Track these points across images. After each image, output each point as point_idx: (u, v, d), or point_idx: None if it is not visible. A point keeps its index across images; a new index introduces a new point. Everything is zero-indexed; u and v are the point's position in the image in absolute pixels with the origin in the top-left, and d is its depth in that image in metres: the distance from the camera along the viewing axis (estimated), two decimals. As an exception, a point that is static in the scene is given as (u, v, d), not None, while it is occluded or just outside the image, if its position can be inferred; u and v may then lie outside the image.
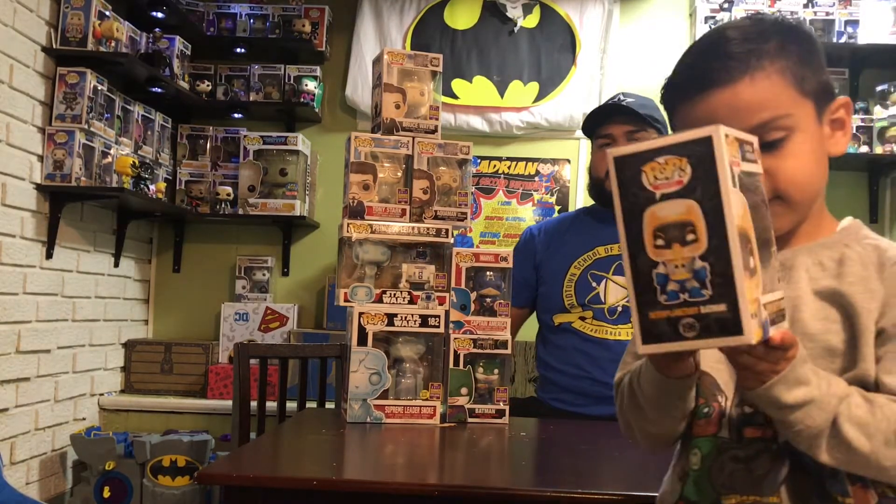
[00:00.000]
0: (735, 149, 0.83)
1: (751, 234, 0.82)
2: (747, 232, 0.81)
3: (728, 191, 0.79)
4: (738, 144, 0.84)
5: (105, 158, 3.06)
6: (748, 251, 0.81)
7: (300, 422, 2.12)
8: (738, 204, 0.80)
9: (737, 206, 0.80)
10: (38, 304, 2.90)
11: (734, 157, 0.82)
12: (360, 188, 2.14)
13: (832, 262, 1.05)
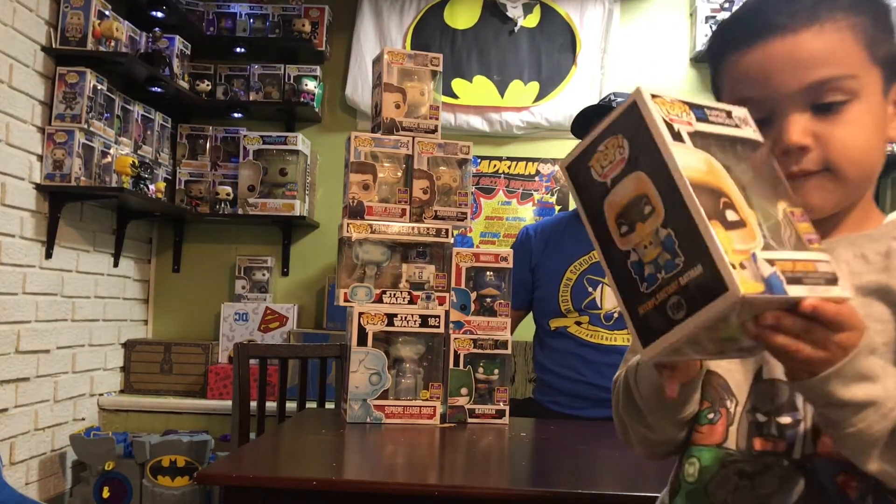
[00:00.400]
0: (679, 109, 0.77)
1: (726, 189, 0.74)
2: (715, 185, 0.73)
3: (667, 144, 0.73)
4: (685, 107, 0.78)
5: (105, 158, 3.05)
6: (720, 204, 0.72)
7: (300, 422, 2.12)
8: (687, 157, 0.73)
9: (686, 159, 0.73)
10: (38, 304, 2.90)
11: (676, 116, 0.76)
12: (360, 188, 2.13)
13: (878, 256, 0.91)
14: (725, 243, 0.70)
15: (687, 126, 0.76)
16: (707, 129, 0.78)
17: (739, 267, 0.69)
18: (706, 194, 0.72)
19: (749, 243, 0.71)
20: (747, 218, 0.73)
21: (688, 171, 0.73)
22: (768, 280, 0.70)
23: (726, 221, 0.71)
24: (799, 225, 0.77)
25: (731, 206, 0.73)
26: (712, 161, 0.75)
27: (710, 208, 0.71)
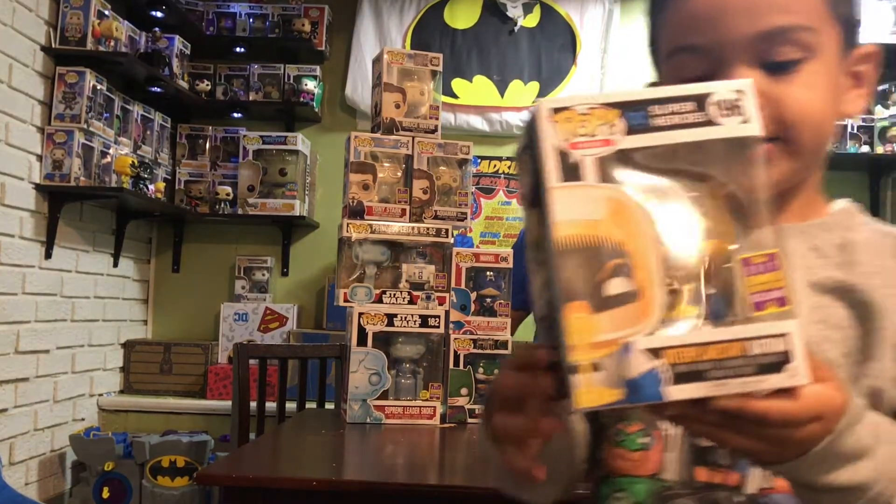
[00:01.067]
0: (599, 121, 0.60)
1: (629, 243, 0.58)
2: (611, 240, 0.57)
3: (549, 189, 0.58)
4: (613, 114, 0.60)
5: (104, 158, 3.05)
6: (604, 270, 0.57)
7: (300, 422, 2.12)
8: (573, 204, 0.58)
9: (569, 207, 0.58)
10: (37, 304, 2.89)
11: (585, 136, 0.59)
12: (360, 188, 2.13)
13: (833, 248, 0.80)
14: (579, 335, 0.56)
15: (600, 148, 0.59)
16: (644, 140, 0.59)
17: (590, 368, 0.55)
18: (586, 258, 0.57)
19: (629, 326, 0.56)
20: (648, 285, 0.57)
21: (566, 227, 0.57)
22: (636, 381, 0.55)
23: (600, 298, 0.56)
24: (753, 279, 0.58)
25: (623, 271, 0.57)
26: (622, 199, 0.58)
27: (580, 281, 0.56)
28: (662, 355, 0.56)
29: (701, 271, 0.58)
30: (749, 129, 0.60)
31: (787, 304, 0.57)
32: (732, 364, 0.56)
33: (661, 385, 0.56)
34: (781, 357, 0.56)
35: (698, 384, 0.56)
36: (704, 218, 0.59)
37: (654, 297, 0.57)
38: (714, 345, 0.56)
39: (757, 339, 0.56)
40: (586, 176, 0.59)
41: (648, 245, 0.58)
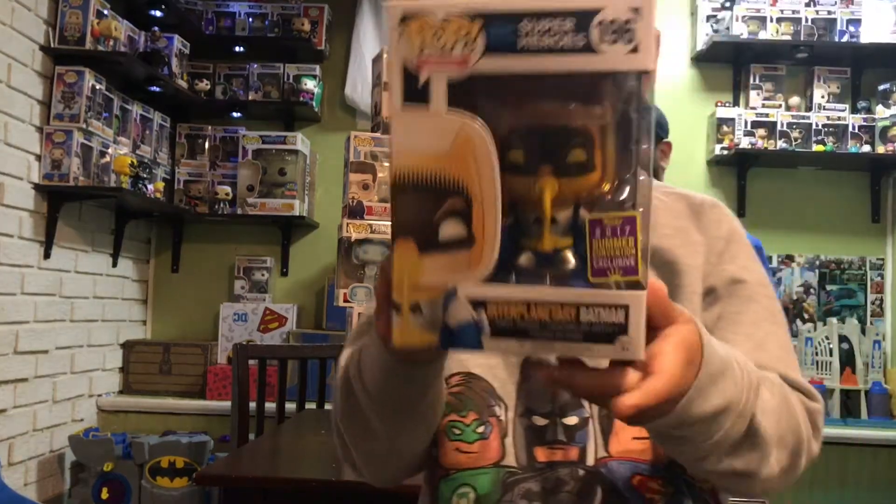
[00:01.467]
0: (455, 33, 0.50)
1: (470, 182, 0.52)
2: (451, 176, 0.52)
3: (393, 112, 0.52)
4: (473, 25, 0.50)
5: (103, 158, 3.04)
6: (438, 209, 0.52)
7: (299, 423, 2.11)
8: (416, 132, 0.52)
9: (411, 137, 0.52)
10: (36, 304, 2.89)
11: (436, 51, 0.51)
12: (360, 188, 2.13)
13: None
14: (403, 274, 0.53)
15: (453, 68, 0.51)
16: (503, 65, 0.50)
17: (409, 310, 0.53)
18: (422, 194, 0.52)
19: (456, 273, 0.52)
20: (485, 232, 0.52)
21: (405, 157, 0.52)
22: (455, 329, 0.53)
23: (431, 239, 0.52)
24: (601, 242, 0.53)
25: (460, 214, 0.52)
26: (470, 133, 0.51)
27: (412, 218, 0.53)
28: (486, 307, 0.53)
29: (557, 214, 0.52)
30: (636, 61, 0.50)
31: (634, 273, 0.52)
32: (559, 328, 0.52)
33: (480, 335, 0.53)
34: (615, 328, 0.52)
35: (520, 341, 0.53)
36: (566, 155, 0.52)
37: (488, 247, 0.52)
38: (543, 304, 0.52)
39: (592, 307, 0.52)
40: (434, 101, 0.51)
41: (493, 189, 0.51)
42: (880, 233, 3.55)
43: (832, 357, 3.28)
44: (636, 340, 0.52)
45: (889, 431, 3.14)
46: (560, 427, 0.76)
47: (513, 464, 0.76)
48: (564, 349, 0.53)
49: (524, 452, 0.76)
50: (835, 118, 3.46)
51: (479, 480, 0.77)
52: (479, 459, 0.77)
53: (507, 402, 0.77)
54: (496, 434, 0.77)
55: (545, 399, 0.77)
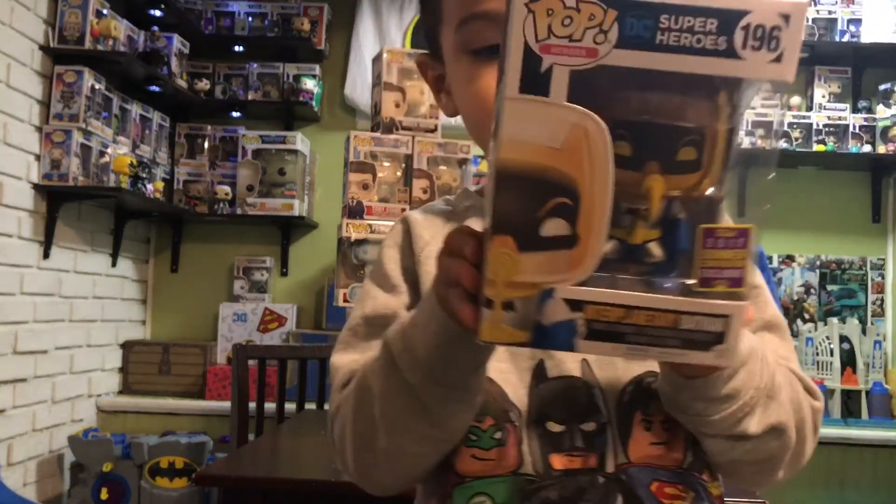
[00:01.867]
0: (586, 19, 0.47)
1: (581, 181, 0.49)
2: (562, 172, 0.49)
3: (504, 97, 0.48)
4: (608, 13, 0.48)
5: (102, 158, 3.04)
6: (545, 206, 0.50)
7: (299, 423, 2.11)
8: (528, 122, 0.49)
9: (523, 126, 0.49)
10: (36, 304, 2.88)
11: (563, 37, 0.47)
12: (360, 188, 2.12)
13: None
14: (499, 271, 0.51)
15: (580, 59, 0.48)
16: (637, 60, 0.48)
17: (501, 307, 0.51)
18: (528, 189, 0.50)
19: (555, 273, 0.51)
20: (589, 234, 0.50)
21: (514, 149, 0.49)
22: (548, 329, 0.52)
23: (532, 236, 0.50)
24: (711, 253, 0.52)
25: (566, 213, 0.50)
26: (589, 129, 0.49)
27: (514, 213, 0.50)
28: (583, 309, 0.51)
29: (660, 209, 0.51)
30: (778, 70, 0.48)
31: (740, 285, 0.52)
32: (657, 333, 0.52)
33: (573, 337, 0.52)
34: (712, 337, 0.52)
35: (614, 345, 0.52)
36: (676, 153, 0.51)
37: (592, 248, 0.50)
38: (643, 310, 0.51)
39: (693, 315, 0.51)
40: (554, 91, 0.48)
41: (605, 189, 0.49)
42: (881, 233, 3.55)
43: (833, 357, 3.28)
44: (732, 349, 0.52)
45: (890, 431, 3.14)
46: (578, 434, 0.73)
47: (531, 472, 0.73)
48: (659, 354, 0.53)
49: (540, 460, 0.73)
50: (835, 118, 3.46)
51: (496, 489, 0.73)
52: (496, 467, 0.74)
53: (519, 408, 0.75)
54: (513, 441, 0.74)
55: (560, 405, 0.75)
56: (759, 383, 0.68)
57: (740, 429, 0.68)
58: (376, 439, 0.71)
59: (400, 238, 0.84)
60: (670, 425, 0.74)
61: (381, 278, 0.82)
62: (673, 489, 0.74)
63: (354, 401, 0.72)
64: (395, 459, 0.72)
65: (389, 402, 0.68)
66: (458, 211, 0.87)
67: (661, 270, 0.52)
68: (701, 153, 0.51)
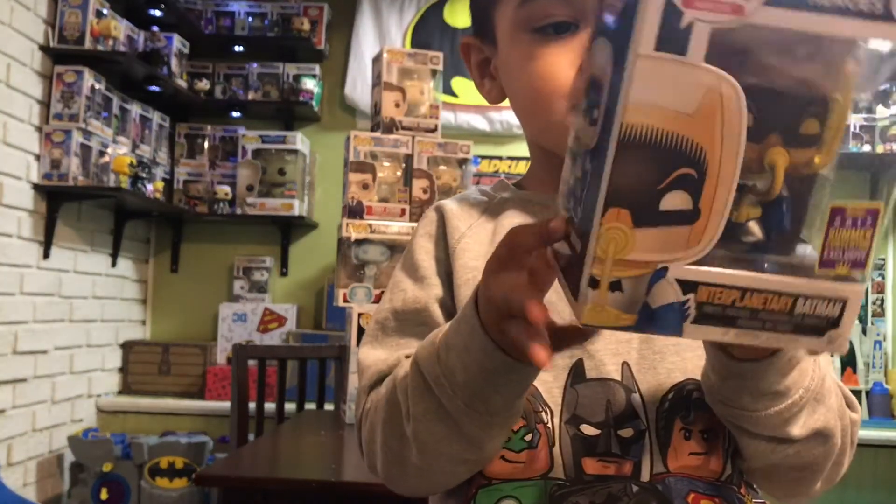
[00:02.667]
0: None
1: (710, 150, 0.46)
2: (692, 139, 0.45)
3: (635, 55, 0.44)
4: None
5: (102, 158, 3.04)
6: (669, 176, 0.46)
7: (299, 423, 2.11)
8: (661, 85, 0.44)
9: (653, 90, 0.44)
10: (35, 304, 2.88)
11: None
12: (360, 188, 2.12)
13: None
14: (609, 248, 0.47)
15: (724, 16, 0.44)
16: (788, 20, 0.44)
17: (606, 288, 0.48)
18: (651, 158, 0.45)
19: (671, 251, 0.47)
20: (713, 208, 0.47)
21: (641, 112, 0.45)
22: (655, 312, 0.48)
23: (651, 210, 0.46)
24: (838, 232, 0.50)
25: (690, 185, 0.46)
26: (726, 93, 0.45)
27: (633, 184, 0.46)
28: (696, 290, 0.48)
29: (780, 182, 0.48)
30: None
31: (862, 267, 0.49)
32: (770, 317, 0.49)
33: (682, 321, 0.48)
34: (827, 322, 0.49)
35: (724, 329, 0.49)
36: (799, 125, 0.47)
37: (712, 225, 0.47)
38: (759, 292, 0.48)
39: (811, 298, 0.49)
40: (692, 50, 0.44)
41: (734, 161, 0.46)
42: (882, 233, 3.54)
43: (833, 357, 3.28)
44: (844, 335, 0.50)
45: (890, 431, 3.14)
46: (615, 439, 0.70)
47: (561, 476, 0.70)
48: (770, 339, 0.49)
49: (571, 463, 0.70)
50: (835, 118, 3.45)
51: (524, 493, 0.70)
52: (525, 470, 0.71)
53: (552, 408, 0.72)
54: (544, 443, 0.71)
55: (598, 408, 0.71)
56: (810, 384, 0.65)
57: (786, 430, 0.66)
58: (408, 456, 0.68)
59: (434, 228, 0.81)
60: (710, 435, 0.71)
61: (411, 269, 0.79)
62: (709, 502, 0.71)
63: (385, 414, 0.69)
64: (427, 476, 0.70)
65: (423, 425, 0.65)
66: (494, 202, 0.83)
67: (759, 250, 0.49)
68: (823, 127, 0.48)
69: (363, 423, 0.74)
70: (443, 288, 0.77)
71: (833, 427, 0.68)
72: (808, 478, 0.71)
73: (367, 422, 0.73)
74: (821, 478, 0.72)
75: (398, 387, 0.68)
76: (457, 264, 0.77)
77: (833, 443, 0.69)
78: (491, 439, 0.66)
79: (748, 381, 0.62)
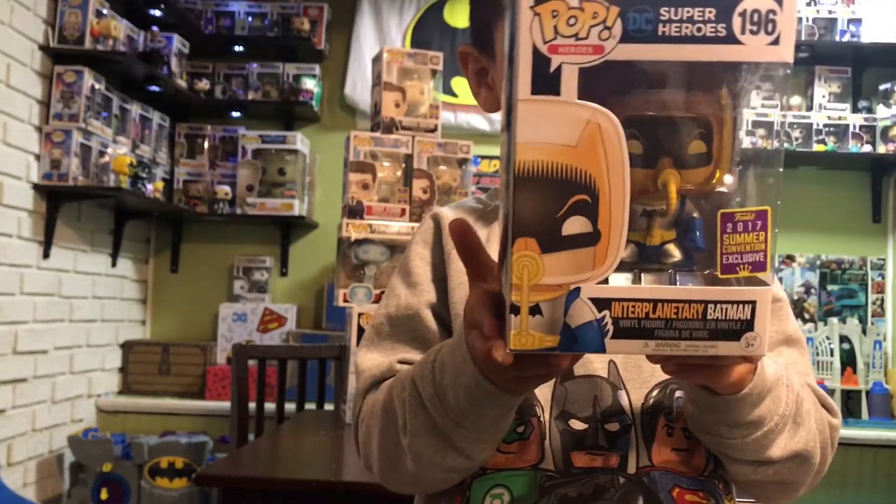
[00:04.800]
0: (589, 18, 0.49)
1: (599, 175, 0.50)
2: (580, 169, 0.49)
3: (520, 101, 0.49)
4: (611, 8, 0.49)
5: (102, 157, 3.04)
6: (565, 204, 0.50)
7: (299, 423, 2.11)
8: (541, 122, 0.49)
9: (536, 128, 0.49)
10: (35, 304, 2.88)
11: (569, 36, 0.48)
12: (360, 188, 2.12)
13: None
14: (523, 275, 0.50)
15: (587, 56, 0.49)
16: (642, 53, 0.49)
17: (528, 313, 0.51)
18: (547, 190, 0.50)
19: (580, 272, 0.50)
20: (610, 228, 0.50)
21: (530, 150, 0.49)
22: (576, 331, 0.51)
23: (554, 237, 0.50)
24: (732, 237, 0.52)
25: (586, 210, 0.50)
26: (602, 124, 0.49)
27: (535, 215, 0.50)
28: (610, 307, 0.51)
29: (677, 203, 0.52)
30: (777, 52, 0.50)
31: (763, 268, 0.52)
32: (685, 326, 0.51)
33: (602, 337, 0.52)
34: (741, 325, 0.52)
35: (644, 341, 0.52)
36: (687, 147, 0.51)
37: (613, 243, 0.50)
38: (669, 302, 0.51)
39: (720, 304, 0.51)
40: (565, 90, 0.49)
41: (622, 182, 0.50)
42: (881, 233, 3.55)
43: (833, 357, 3.27)
44: (761, 337, 0.52)
45: (890, 432, 3.13)
46: (602, 433, 0.74)
47: (550, 467, 0.73)
48: (690, 347, 0.52)
49: (561, 456, 0.74)
50: (836, 118, 3.45)
51: (514, 482, 0.73)
52: (516, 460, 0.74)
53: (542, 404, 0.75)
54: (535, 435, 0.74)
55: (585, 403, 0.75)
56: (785, 410, 0.69)
57: (765, 454, 0.69)
58: (403, 463, 0.72)
59: (429, 235, 0.84)
60: (692, 433, 0.74)
61: (406, 276, 0.83)
62: (694, 496, 0.74)
63: (382, 423, 0.73)
64: (421, 481, 0.74)
65: (418, 438, 0.69)
66: (489, 209, 0.87)
67: (681, 269, 0.53)
68: (710, 146, 0.52)
69: (360, 426, 0.77)
70: (436, 294, 0.81)
71: (812, 448, 0.72)
72: (790, 489, 0.76)
73: (363, 425, 0.77)
74: (803, 487, 0.76)
75: (395, 398, 0.71)
76: (451, 269, 0.80)
77: (812, 462, 0.73)
78: (481, 451, 0.70)
79: (722, 414, 0.66)
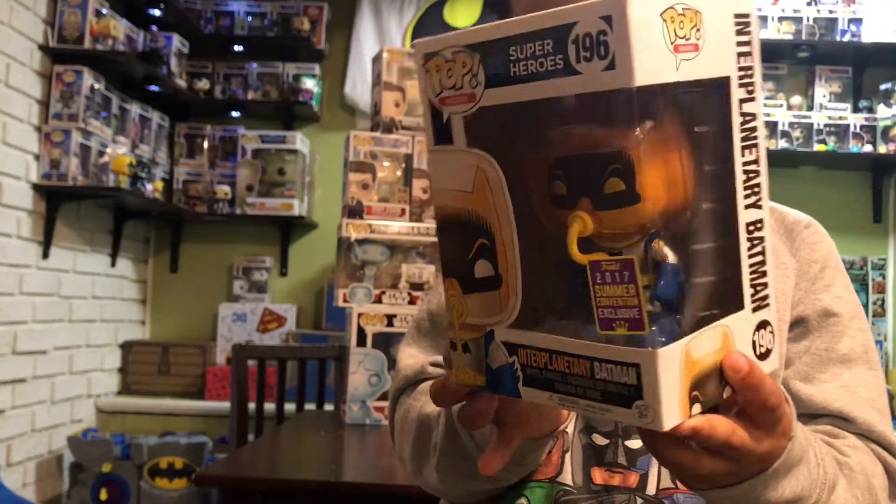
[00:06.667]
0: (462, 68, 0.49)
1: (491, 220, 0.50)
2: (480, 214, 0.50)
3: (428, 151, 0.53)
4: (473, 58, 0.48)
5: (102, 157, 3.03)
6: (473, 248, 0.51)
7: (298, 424, 2.10)
8: (450, 170, 0.51)
9: (448, 175, 0.51)
10: (35, 304, 2.88)
11: (451, 89, 0.49)
12: (360, 187, 2.12)
13: None
14: (452, 312, 0.52)
15: (465, 105, 0.49)
16: (503, 96, 0.48)
17: (461, 350, 0.52)
18: (459, 234, 0.51)
19: (492, 315, 0.50)
20: (507, 272, 0.49)
21: (441, 196, 0.51)
22: (496, 372, 0.51)
23: (470, 279, 0.50)
24: (602, 289, 0.46)
25: (487, 252, 0.50)
26: (487, 170, 0.49)
27: (454, 257, 0.51)
28: (517, 353, 0.50)
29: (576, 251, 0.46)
30: (613, 79, 0.43)
31: (640, 328, 0.44)
32: (578, 383, 0.47)
33: (517, 382, 0.50)
34: (629, 391, 0.45)
35: (549, 393, 0.49)
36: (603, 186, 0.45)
37: (512, 287, 0.49)
38: (561, 356, 0.47)
39: (604, 363, 0.46)
40: (456, 139, 0.50)
41: (509, 228, 0.48)
42: (882, 233, 3.54)
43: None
44: (654, 408, 0.45)
45: (890, 432, 3.13)
46: (622, 449, 0.71)
47: (568, 482, 0.72)
48: (588, 407, 0.48)
49: (581, 471, 0.72)
50: (836, 118, 3.45)
51: (533, 493, 0.72)
52: (537, 472, 0.72)
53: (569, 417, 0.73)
54: (558, 448, 0.73)
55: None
56: (815, 491, 0.60)
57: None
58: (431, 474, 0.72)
59: None
60: None
61: None
62: None
63: (416, 433, 0.73)
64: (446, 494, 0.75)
65: (448, 459, 0.69)
66: None
67: (587, 323, 0.47)
68: (631, 182, 0.44)
69: (395, 425, 0.78)
70: None
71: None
72: None
73: (398, 426, 0.77)
74: None
75: (432, 416, 0.71)
76: None
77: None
78: (508, 480, 0.70)
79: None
